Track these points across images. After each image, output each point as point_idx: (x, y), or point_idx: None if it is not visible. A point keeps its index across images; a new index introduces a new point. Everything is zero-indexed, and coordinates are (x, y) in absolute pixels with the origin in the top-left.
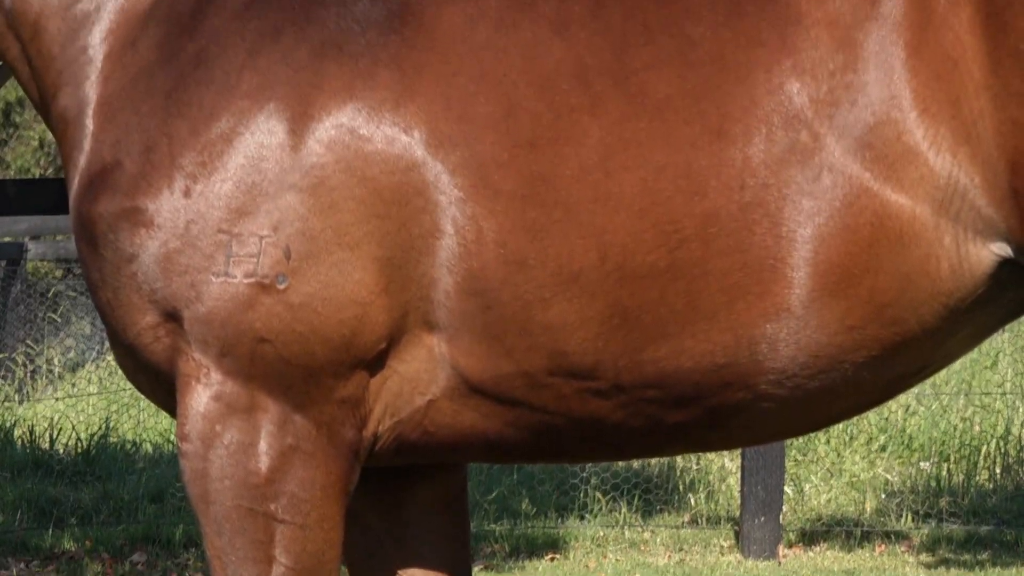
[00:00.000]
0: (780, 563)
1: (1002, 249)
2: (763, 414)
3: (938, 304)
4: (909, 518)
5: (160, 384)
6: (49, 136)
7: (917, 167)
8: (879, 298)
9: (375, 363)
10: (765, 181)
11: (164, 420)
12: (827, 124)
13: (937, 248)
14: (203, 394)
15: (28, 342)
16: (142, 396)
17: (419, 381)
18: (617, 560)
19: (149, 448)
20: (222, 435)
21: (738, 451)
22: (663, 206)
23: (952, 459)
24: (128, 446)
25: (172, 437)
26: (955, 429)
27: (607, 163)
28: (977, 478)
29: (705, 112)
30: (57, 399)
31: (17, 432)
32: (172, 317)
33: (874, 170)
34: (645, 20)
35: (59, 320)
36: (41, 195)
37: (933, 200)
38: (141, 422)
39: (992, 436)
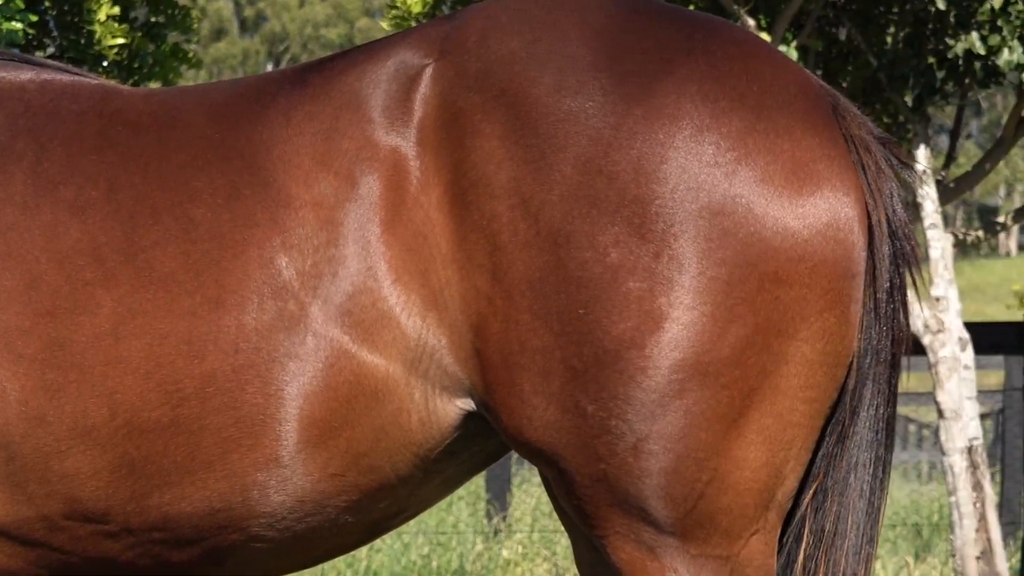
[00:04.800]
0: None
1: (467, 404)
2: (256, 553)
3: (410, 454)
4: None
5: None
6: None
7: (391, 330)
8: (356, 448)
9: None
10: (257, 345)
11: None
12: (312, 294)
13: (408, 403)
14: None
15: None
16: None
17: None
18: None
19: None
20: None
21: None
22: (166, 368)
23: None
24: None
25: None
26: (415, 564)
27: (118, 330)
28: None
29: (205, 284)
30: None
31: None
32: None
33: (352, 334)
34: (153, 203)
35: None
36: None
37: (405, 360)
38: None
39: (448, 571)
